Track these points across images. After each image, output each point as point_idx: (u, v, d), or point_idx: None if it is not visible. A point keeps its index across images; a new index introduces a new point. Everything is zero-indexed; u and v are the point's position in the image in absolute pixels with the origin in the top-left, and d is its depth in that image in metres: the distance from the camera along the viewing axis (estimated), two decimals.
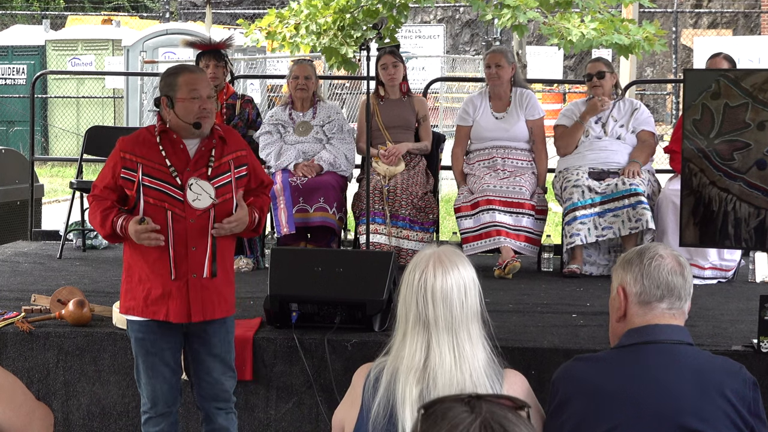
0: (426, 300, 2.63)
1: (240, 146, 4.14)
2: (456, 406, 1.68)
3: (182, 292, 3.95)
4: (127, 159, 4.00)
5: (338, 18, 8.13)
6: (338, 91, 17.72)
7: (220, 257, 4.00)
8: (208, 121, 4.02)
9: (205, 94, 4.03)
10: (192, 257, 3.95)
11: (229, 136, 4.13)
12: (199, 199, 3.95)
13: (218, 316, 4.03)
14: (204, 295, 3.98)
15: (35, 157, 8.26)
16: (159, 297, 3.97)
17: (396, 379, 2.63)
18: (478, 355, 2.65)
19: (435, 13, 24.30)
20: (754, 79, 4.34)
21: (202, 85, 4.04)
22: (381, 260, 4.96)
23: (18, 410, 2.41)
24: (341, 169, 6.68)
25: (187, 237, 3.94)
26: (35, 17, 23.52)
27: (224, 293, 4.05)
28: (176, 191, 3.96)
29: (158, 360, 4.05)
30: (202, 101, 4.00)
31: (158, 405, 4.09)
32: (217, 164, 4.01)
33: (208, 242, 3.96)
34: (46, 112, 17.47)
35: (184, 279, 3.95)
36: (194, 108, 3.99)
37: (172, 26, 16.73)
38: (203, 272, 3.96)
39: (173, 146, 4.01)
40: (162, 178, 3.97)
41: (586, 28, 8.07)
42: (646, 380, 2.70)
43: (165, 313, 3.97)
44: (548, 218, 6.76)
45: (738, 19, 22.64)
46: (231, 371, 4.14)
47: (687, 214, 4.46)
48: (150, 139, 4.03)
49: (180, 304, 3.95)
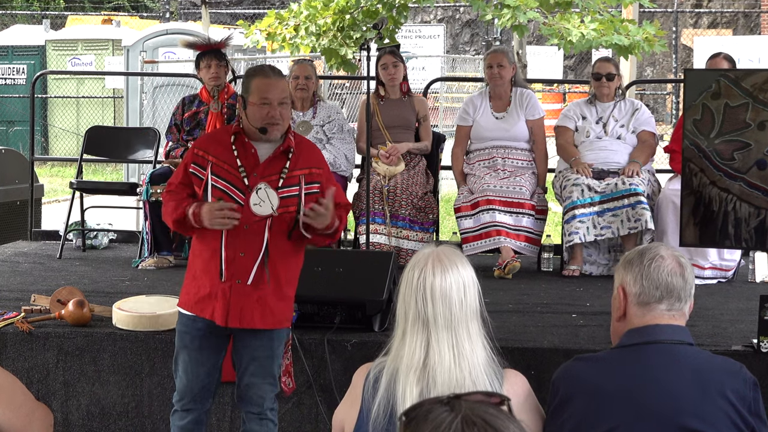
0: (425, 298, 2.64)
1: (317, 164, 4.05)
2: (436, 407, 1.70)
3: (226, 295, 3.93)
4: (199, 156, 3.99)
5: (338, 19, 8.13)
6: (338, 91, 17.72)
7: (272, 268, 3.94)
8: (276, 128, 3.95)
9: (276, 101, 3.95)
10: (239, 262, 3.92)
11: (307, 151, 4.06)
12: (261, 206, 3.89)
13: (259, 326, 3.95)
14: (245, 302, 3.93)
15: (35, 157, 8.27)
16: (206, 296, 3.96)
17: (396, 379, 2.64)
18: (478, 354, 2.65)
19: (435, 13, 24.30)
20: (754, 79, 4.34)
21: (275, 92, 3.96)
22: (381, 260, 4.96)
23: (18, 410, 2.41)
24: (341, 169, 6.68)
25: (239, 242, 3.91)
26: (35, 17, 23.51)
27: (273, 305, 3.97)
28: (239, 194, 3.92)
29: (195, 356, 4.03)
30: (271, 108, 3.94)
31: (185, 399, 4.08)
32: (289, 176, 3.95)
33: (260, 250, 3.91)
34: (46, 112, 17.48)
35: (229, 283, 3.93)
36: (263, 113, 3.94)
37: (172, 26, 16.72)
38: (248, 279, 3.92)
39: (245, 149, 3.98)
40: (229, 179, 3.94)
41: (586, 28, 8.07)
42: (646, 380, 2.70)
43: (210, 313, 3.96)
44: (548, 218, 6.76)
45: (738, 18, 22.64)
46: (270, 378, 4.05)
47: (687, 214, 4.46)
48: (225, 138, 4.01)
49: (222, 306, 3.93)
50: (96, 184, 8.91)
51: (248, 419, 4.09)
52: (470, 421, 1.66)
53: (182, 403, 4.09)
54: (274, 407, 4.12)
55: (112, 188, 8.45)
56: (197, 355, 4.03)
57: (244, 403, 4.08)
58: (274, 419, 4.11)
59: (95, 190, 7.88)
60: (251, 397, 4.05)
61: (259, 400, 4.05)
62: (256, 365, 4.02)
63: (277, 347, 4.06)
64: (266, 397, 4.06)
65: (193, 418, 4.10)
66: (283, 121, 3.97)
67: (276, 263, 3.95)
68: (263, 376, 4.04)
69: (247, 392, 4.06)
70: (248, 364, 4.03)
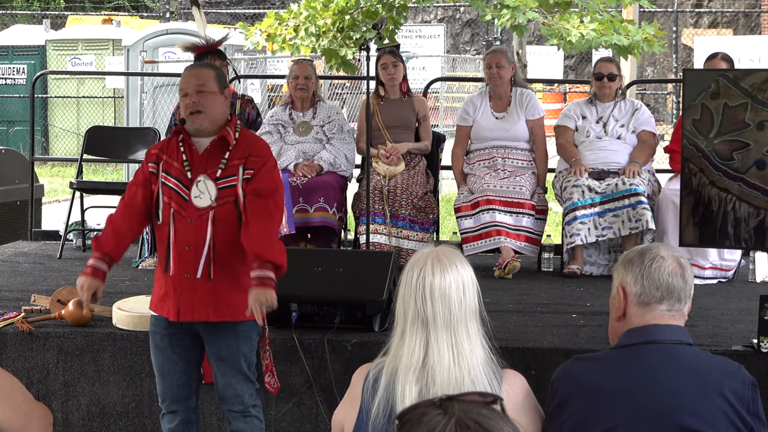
0: (425, 298, 2.64)
1: (256, 153, 4.03)
2: (429, 410, 1.70)
3: (177, 290, 3.97)
4: (153, 154, 4.07)
5: (337, 19, 8.14)
6: (338, 91, 17.71)
7: (221, 260, 3.96)
8: (198, 116, 3.99)
9: (193, 89, 3.99)
10: (187, 257, 3.95)
11: (249, 142, 4.07)
12: (201, 198, 3.95)
13: (213, 318, 3.97)
14: (195, 296, 3.95)
15: (35, 157, 8.27)
16: (164, 294, 4.01)
17: (395, 379, 2.64)
18: (477, 353, 2.65)
19: (435, 13, 24.31)
20: (753, 79, 4.34)
21: (190, 80, 4.02)
22: (381, 260, 4.96)
23: (17, 410, 2.42)
24: (341, 169, 6.68)
25: (185, 236, 3.95)
26: (35, 17, 23.51)
27: (228, 297, 3.97)
28: (183, 189, 3.97)
29: (168, 356, 4.06)
30: (188, 97, 3.99)
31: (167, 400, 4.11)
32: (228, 166, 3.98)
33: (205, 244, 3.93)
34: (47, 112, 17.48)
35: (179, 278, 3.96)
36: (183, 105, 4.03)
37: (173, 26, 16.71)
38: (197, 273, 3.94)
39: (188, 145, 4.04)
40: (176, 175, 4.00)
41: (585, 29, 8.07)
42: (645, 380, 2.70)
43: (167, 310, 4.00)
44: (549, 218, 6.76)
45: (738, 18, 22.64)
46: (241, 375, 4.05)
47: (686, 214, 4.46)
48: (175, 138, 4.08)
49: (173, 302, 3.97)
50: (96, 184, 8.92)
51: (232, 418, 4.09)
52: (463, 424, 1.66)
53: (166, 405, 4.12)
54: (257, 404, 4.12)
55: (112, 188, 8.44)
56: (170, 354, 4.06)
57: (225, 402, 4.09)
58: (258, 416, 4.12)
59: (95, 190, 7.89)
60: (229, 397, 4.06)
61: (238, 399, 4.06)
62: (224, 364, 4.03)
63: (243, 344, 4.04)
64: (244, 395, 4.06)
65: (182, 419, 4.12)
66: (204, 109, 3.98)
67: (227, 255, 3.95)
68: (233, 373, 4.03)
69: (224, 392, 4.06)
70: (217, 364, 4.04)
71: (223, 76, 4.14)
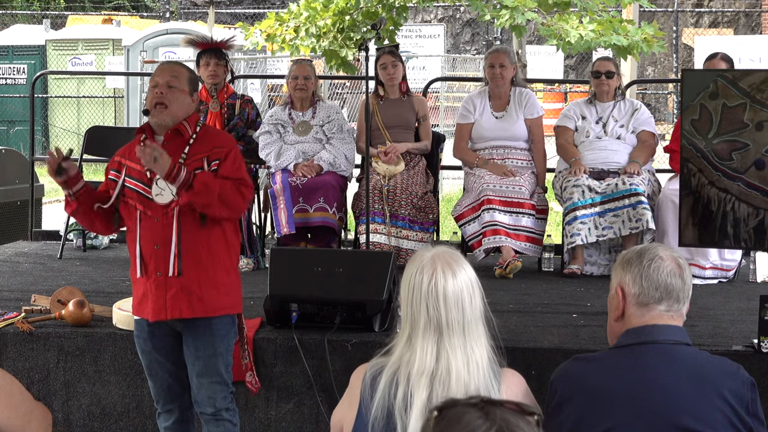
0: (438, 304, 2.61)
1: (220, 144, 3.99)
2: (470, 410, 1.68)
3: (152, 290, 3.96)
4: (116, 161, 4.07)
5: (337, 20, 8.13)
6: (338, 90, 17.71)
7: (191, 256, 3.93)
8: (161, 109, 3.94)
9: (164, 81, 3.96)
10: (157, 255, 3.94)
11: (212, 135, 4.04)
12: (162, 195, 3.94)
13: (187, 315, 3.94)
14: (169, 294, 3.93)
15: (35, 157, 8.27)
16: (142, 296, 4.01)
17: (399, 381, 2.62)
18: (483, 355, 2.65)
19: (435, 13, 24.30)
20: (752, 80, 4.34)
21: (162, 73, 3.98)
22: (381, 260, 4.96)
23: (16, 410, 2.42)
24: (341, 169, 6.68)
25: (153, 235, 3.94)
26: (35, 17, 23.52)
27: (201, 293, 3.94)
28: (145, 189, 3.96)
29: (154, 358, 4.08)
30: (158, 88, 3.95)
31: (160, 401, 4.13)
32: (190, 161, 3.94)
33: (172, 241, 3.92)
34: (47, 112, 17.48)
35: (153, 277, 3.95)
36: (150, 97, 3.98)
37: (173, 26, 16.72)
38: (168, 271, 3.93)
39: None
40: (137, 177, 3.99)
41: (585, 29, 8.06)
42: (644, 380, 2.71)
43: (146, 312, 4.00)
44: (549, 218, 6.76)
45: (739, 18, 22.63)
46: (217, 377, 4.01)
47: (686, 214, 4.46)
48: (137, 139, 4.05)
49: (151, 302, 3.96)
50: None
51: (205, 421, 4.07)
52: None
53: (160, 405, 4.14)
54: (231, 407, 4.08)
55: None
56: (155, 356, 4.07)
57: (198, 404, 4.06)
58: (231, 419, 4.08)
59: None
60: (202, 399, 4.03)
61: (210, 401, 4.02)
62: (200, 365, 4.00)
63: (219, 344, 4.01)
64: (217, 398, 4.02)
65: (177, 419, 4.13)
66: (170, 103, 3.95)
67: (196, 250, 3.94)
68: (209, 375, 4.00)
69: (198, 394, 4.03)
70: (193, 364, 4.01)
71: (195, 80, 4.11)
